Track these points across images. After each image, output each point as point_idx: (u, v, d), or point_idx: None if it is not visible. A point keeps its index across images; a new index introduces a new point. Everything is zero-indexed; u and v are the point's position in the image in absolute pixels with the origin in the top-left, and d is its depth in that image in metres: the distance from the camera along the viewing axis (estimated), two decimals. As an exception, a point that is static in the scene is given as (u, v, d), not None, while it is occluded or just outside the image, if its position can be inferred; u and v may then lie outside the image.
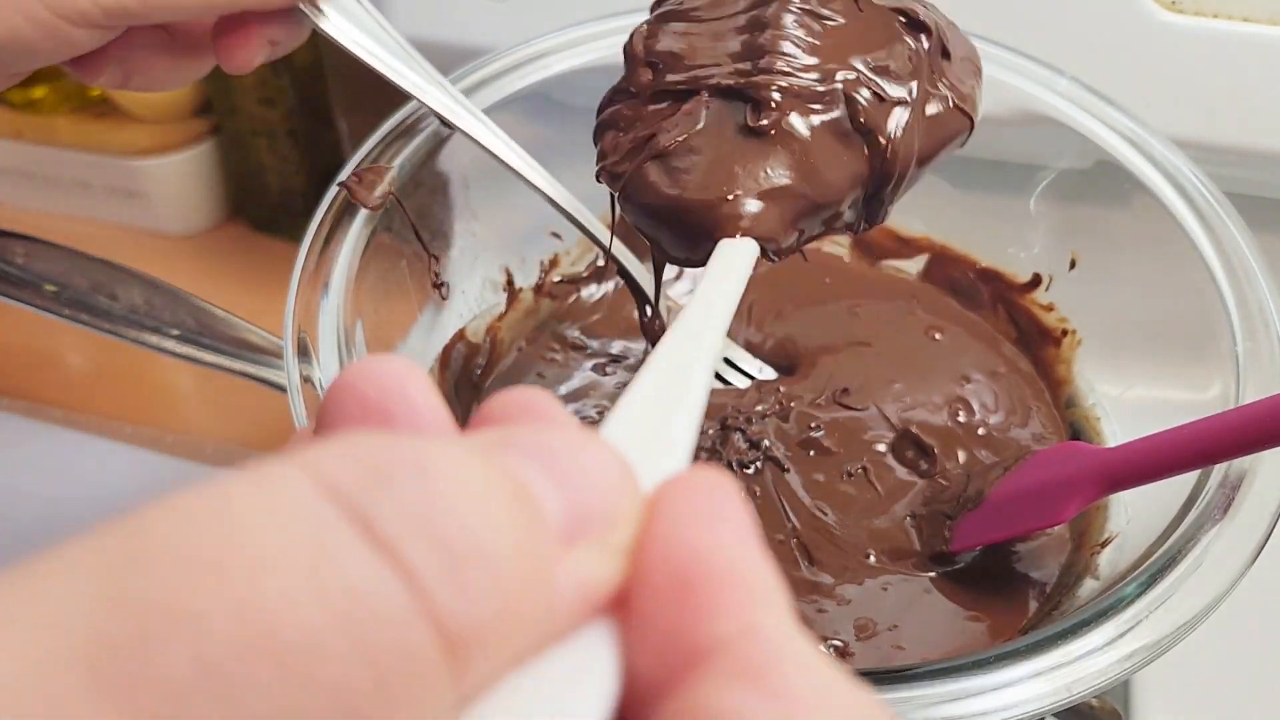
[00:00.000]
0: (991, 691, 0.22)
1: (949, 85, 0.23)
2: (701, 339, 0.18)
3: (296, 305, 0.28)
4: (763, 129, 0.21)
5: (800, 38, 0.22)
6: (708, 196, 0.21)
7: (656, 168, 0.22)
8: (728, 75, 0.22)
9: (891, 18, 0.23)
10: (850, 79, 0.21)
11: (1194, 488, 0.26)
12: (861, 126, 0.21)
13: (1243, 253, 0.30)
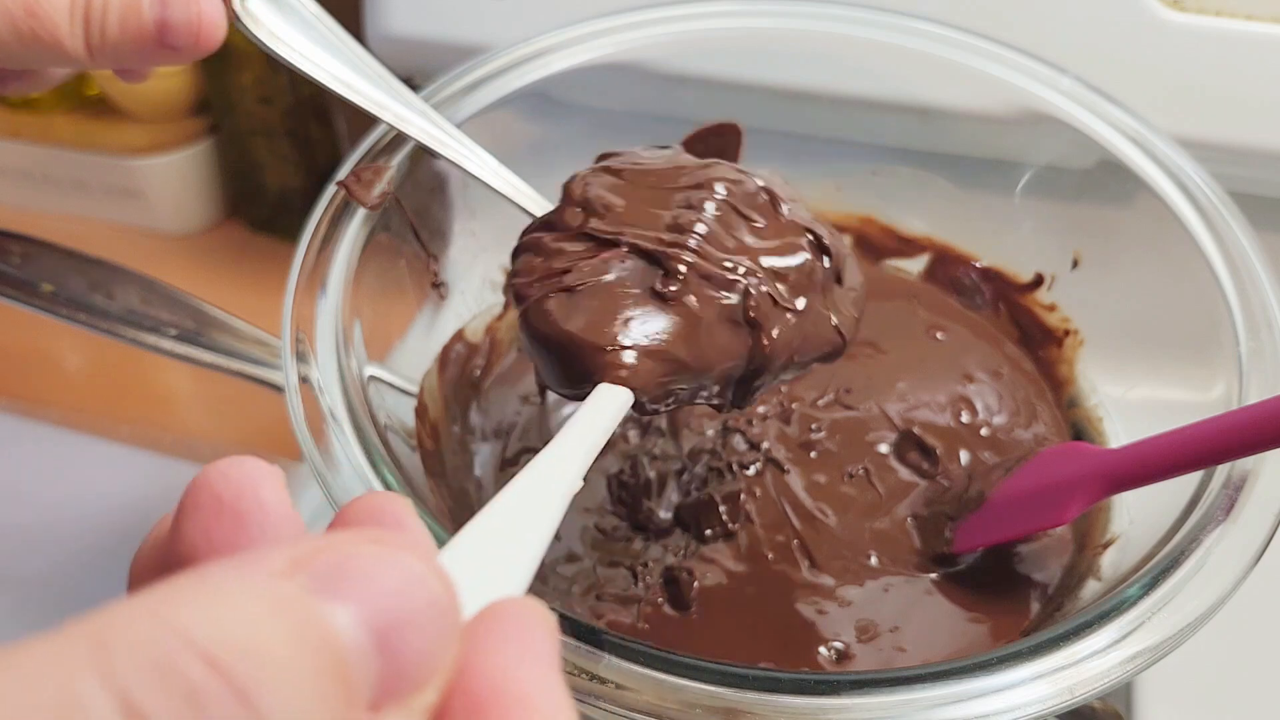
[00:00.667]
0: (993, 694, 0.22)
1: (833, 306, 0.25)
2: (562, 474, 0.19)
3: (294, 305, 0.28)
4: (666, 294, 0.23)
5: (720, 228, 0.24)
6: (598, 340, 0.22)
7: (560, 301, 0.23)
8: (649, 239, 0.24)
9: (803, 234, 0.25)
10: (754, 277, 0.24)
11: (1197, 489, 0.26)
12: (750, 320, 0.23)
13: (1246, 252, 0.30)
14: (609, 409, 0.22)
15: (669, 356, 0.23)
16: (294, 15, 0.28)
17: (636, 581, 0.30)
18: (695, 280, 0.23)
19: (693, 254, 0.23)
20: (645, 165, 0.26)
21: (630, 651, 0.22)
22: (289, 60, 0.28)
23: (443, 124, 0.30)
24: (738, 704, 0.21)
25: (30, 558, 0.42)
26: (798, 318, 0.24)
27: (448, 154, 0.30)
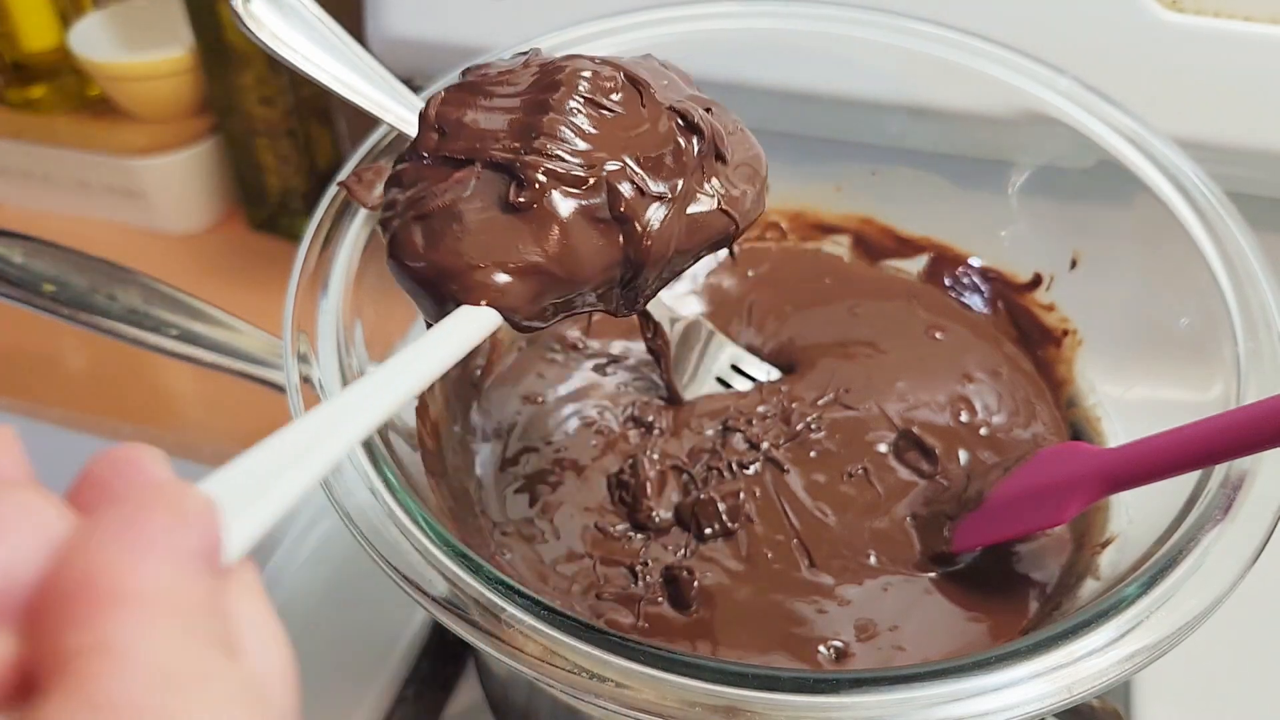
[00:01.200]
0: (992, 692, 0.22)
1: (717, 187, 0.24)
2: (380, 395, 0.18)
3: (296, 305, 0.28)
4: (521, 205, 0.22)
5: (576, 124, 0.23)
6: (457, 263, 0.22)
7: (419, 228, 0.22)
8: (501, 150, 0.22)
9: (670, 118, 0.23)
10: (615, 169, 0.22)
11: (1195, 488, 0.26)
12: (620, 215, 0.22)
13: (1244, 252, 0.30)
14: (464, 332, 0.21)
15: (534, 269, 0.22)
16: (296, 17, 0.28)
17: (636, 580, 0.30)
18: (553, 184, 0.22)
19: (545, 157, 0.22)
20: (496, 72, 0.24)
21: (630, 650, 0.22)
22: (291, 61, 0.28)
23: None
24: (737, 702, 0.21)
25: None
26: (672, 205, 0.23)
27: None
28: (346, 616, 0.39)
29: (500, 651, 0.22)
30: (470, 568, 0.23)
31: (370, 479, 0.25)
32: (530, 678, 0.22)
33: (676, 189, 0.23)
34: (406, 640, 0.39)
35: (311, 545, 0.42)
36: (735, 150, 0.24)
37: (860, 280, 0.41)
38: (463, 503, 0.32)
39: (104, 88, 0.59)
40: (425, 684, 0.40)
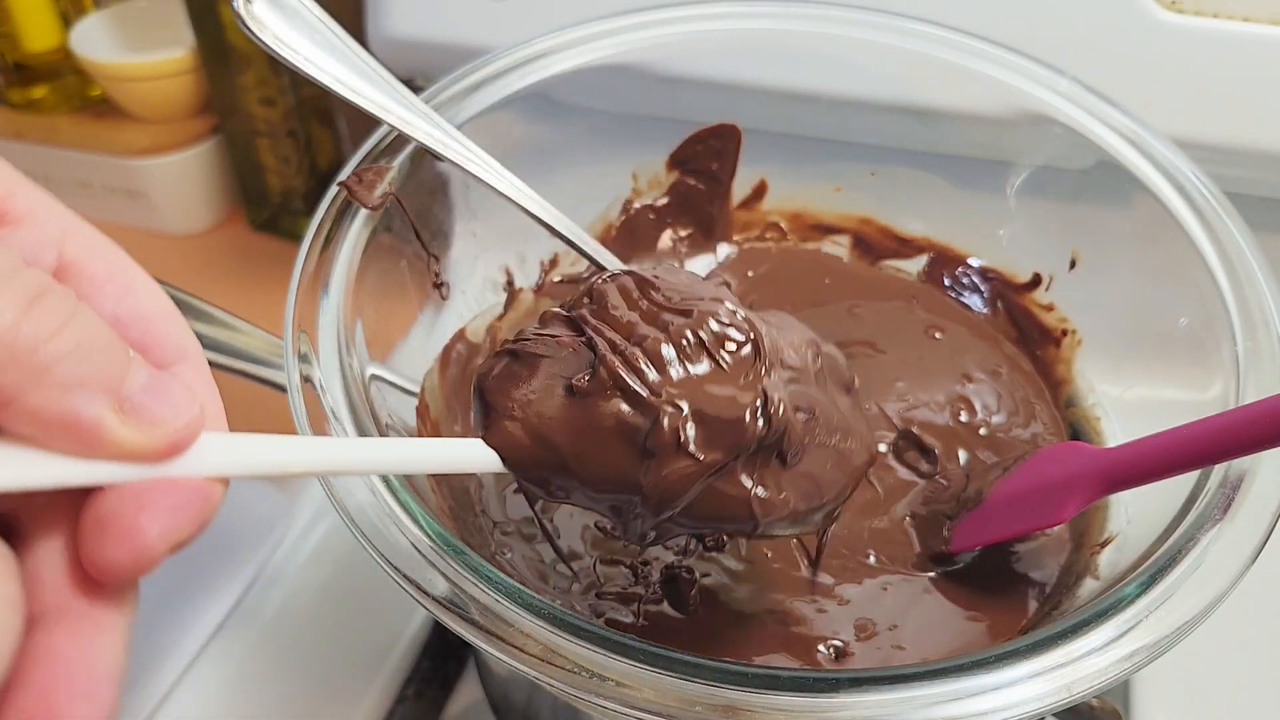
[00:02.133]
0: (991, 691, 0.22)
1: (759, 481, 0.23)
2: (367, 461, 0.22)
3: (296, 305, 0.28)
4: (577, 390, 0.23)
5: (675, 354, 0.23)
6: (500, 402, 0.23)
7: (505, 358, 0.24)
8: (601, 338, 0.23)
9: (756, 396, 0.23)
10: (672, 410, 0.22)
11: (1194, 488, 0.26)
12: (647, 449, 0.22)
13: (1243, 252, 0.30)
14: (464, 454, 0.23)
15: (551, 450, 0.23)
16: (297, 18, 0.28)
17: (636, 580, 0.30)
18: (612, 390, 0.22)
19: (626, 365, 0.23)
20: (662, 280, 0.25)
21: (630, 649, 0.22)
22: (292, 63, 0.28)
23: (445, 127, 0.30)
24: (737, 702, 0.21)
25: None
26: (700, 468, 0.22)
27: (451, 156, 0.30)
28: (347, 615, 0.39)
29: (500, 651, 0.22)
30: (470, 567, 0.23)
31: (371, 479, 0.25)
32: (530, 677, 0.22)
33: (715, 461, 0.23)
34: (407, 639, 0.39)
35: (312, 545, 0.42)
36: (808, 461, 0.24)
37: (860, 280, 0.41)
38: (463, 502, 0.32)
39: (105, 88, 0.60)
40: (426, 683, 0.40)
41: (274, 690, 0.37)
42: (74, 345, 0.16)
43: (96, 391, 0.16)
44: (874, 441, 0.26)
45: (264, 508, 0.43)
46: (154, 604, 0.40)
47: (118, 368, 0.16)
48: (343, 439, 0.24)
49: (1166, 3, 0.37)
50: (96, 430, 0.16)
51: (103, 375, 0.16)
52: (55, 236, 0.19)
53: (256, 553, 0.41)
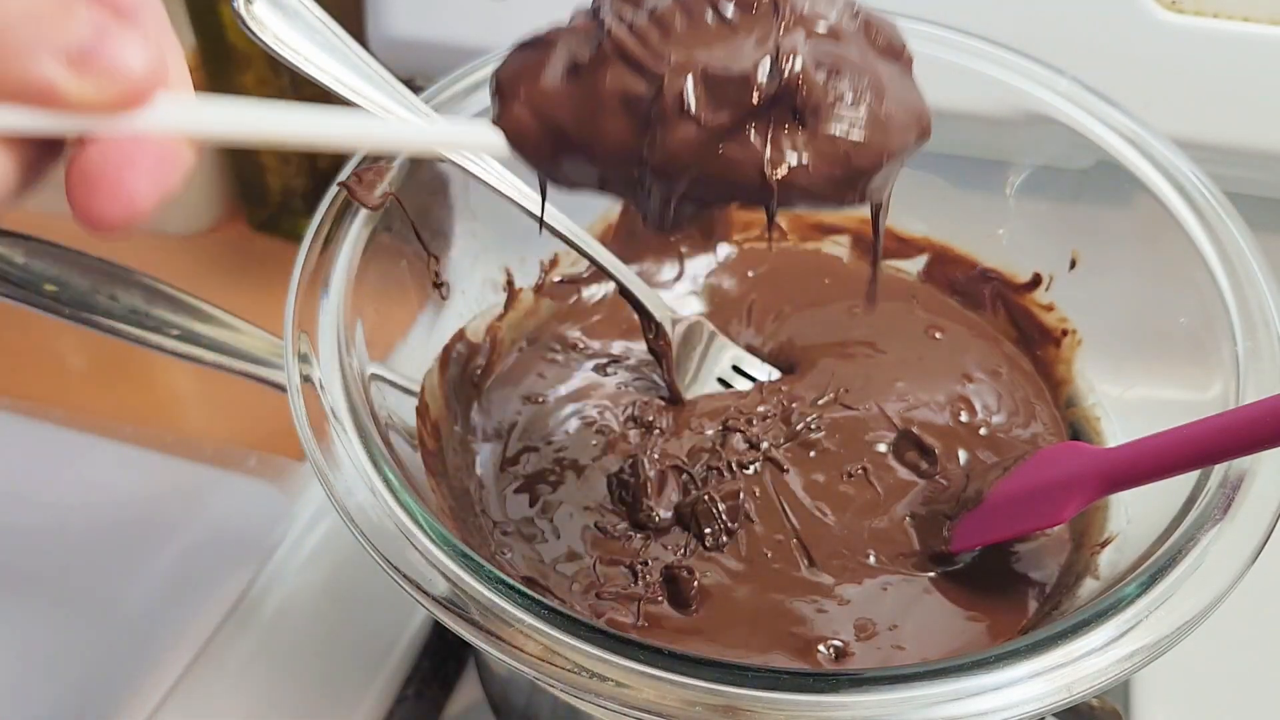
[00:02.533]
0: (991, 691, 0.22)
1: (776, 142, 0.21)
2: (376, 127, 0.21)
3: (296, 305, 0.28)
4: (580, 66, 0.22)
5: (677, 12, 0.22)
6: (510, 88, 0.22)
7: (522, 48, 0.23)
8: (611, 16, 0.22)
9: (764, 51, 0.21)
10: (675, 73, 0.21)
11: (1194, 488, 0.26)
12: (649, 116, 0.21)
13: (1243, 252, 0.30)
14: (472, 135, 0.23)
15: (551, 122, 0.22)
16: (298, 19, 0.28)
17: (636, 580, 0.30)
18: (613, 57, 0.21)
19: (631, 33, 0.21)
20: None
21: (631, 649, 0.22)
22: (293, 63, 0.28)
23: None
24: (737, 701, 0.21)
25: (33, 557, 0.42)
26: (705, 134, 0.21)
27: (452, 156, 0.30)
28: (347, 616, 0.39)
29: (501, 651, 0.22)
30: (471, 567, 0.23)
31: (371, 479, 0.25)
32: (531, 677, 0.22)
33: (721, 120, 0.21)
34: (407, 639, 0.39)
35: (312, 545, 0.42)
36: (834, 123, 0.21)
37: (859, 280, 0.41)
38: (463, 502, 0.32)
39: (105, 88, 0.59)
40: (426, 683, 0.40)
41: (274, 690, 0.37)
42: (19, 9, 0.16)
43: (44, 53, 0.16)
44: (925, 113, 0.23)
45: (263, 508, 0.43)
46: (154, 603, 0.40)
47: (64, 22, 0.16)
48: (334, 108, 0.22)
49: (1166, 3, 0.37)
50: (51, 90, 0.16)
51: (50, 34, 0.16)
52: None
53: (256, 553, 0.41)
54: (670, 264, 0.41)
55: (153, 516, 0.43)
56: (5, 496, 0.44)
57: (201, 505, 0.43)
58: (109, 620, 0.40)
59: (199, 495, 0.44)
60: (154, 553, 0.42)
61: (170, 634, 0.39)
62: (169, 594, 0.40)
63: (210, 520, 0.43)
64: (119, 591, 0.40)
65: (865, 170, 0.22)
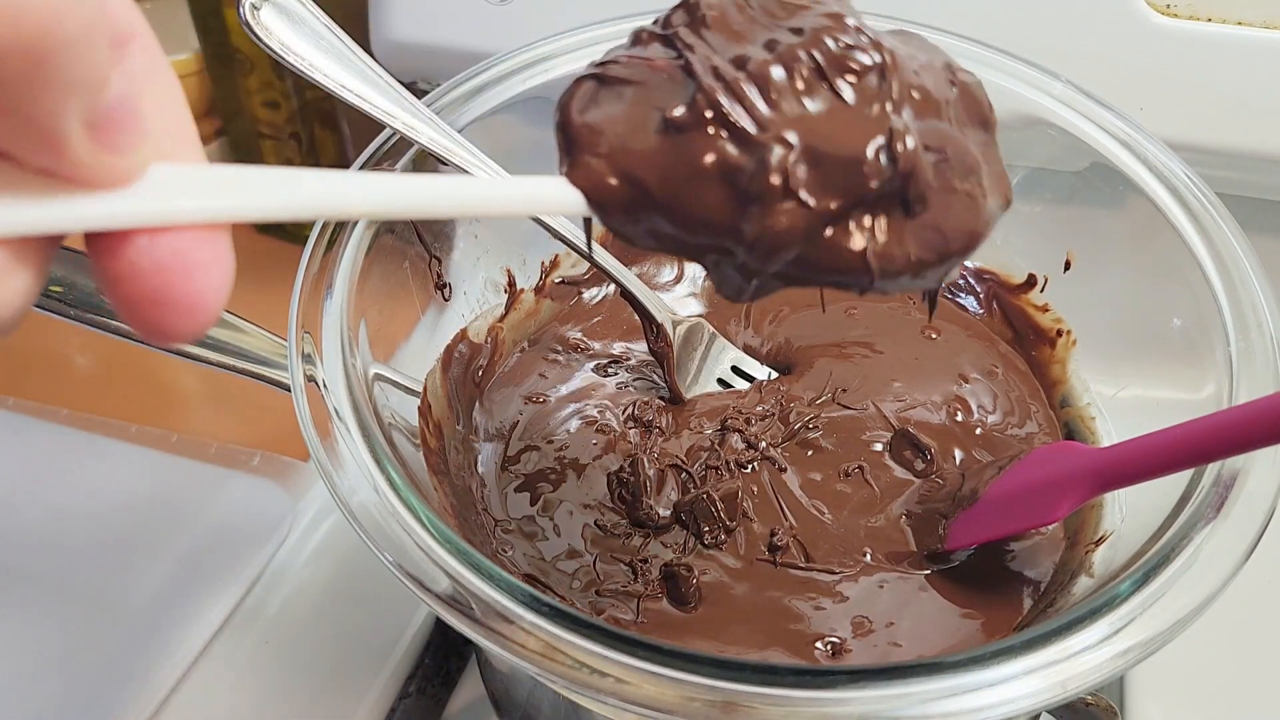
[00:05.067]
0: (987, 688, 0.22)
1: (878, 230, 0.20)
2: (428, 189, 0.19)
3: (300, 306, 0.28)
4: (673, 124, 0.20)
5: (785, 80, 0.20)
6: (585, 136, 0.20)
7: (590, 84, 0.21)
8: (702, 62, 0.20)
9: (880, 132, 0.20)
10: (781, 149, 0.19)
11: (1187, 486, 0.26)
12: (750, 194, 0.19)
13: (1236, 254, 0.30)
14: (543, 194, 0.20)
15: (636, 183, 0.20)
16: (303, 26, 0.29)
17: (636, 577, 0.31)
18: (711, 121, 0.19)
19: (731, 94, 0.19)
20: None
21: (630, 645, 0.22)
22: (299, 69, 0.28)
23: (449, 132, 0.31)
24: (735, 696, 0.22)
25: (39, 555, 0.42)
26: (811, 217, 0.19)
27: (455, 161, 0.30)
28: (350, 613, 0.40)
29: (502, 648, 0.22)
30: (472, 565, 0.24)
31: (373, 477, 0.25)
32: (532, 673, 0.23)
33: (829, 208, 0.20)
34: (409, 636, 0.39)
35: (315, 542, 0.42)
36: (940, 205, 0.20)
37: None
38: (465, 501, 0.33)
39: (109, 91, 0.60)
40: (428, 679, 0.40)
41: (277, 687, 0.38)
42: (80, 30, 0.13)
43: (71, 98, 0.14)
44: (1008, 184, 0.22)
45: (267, 506, 0.43)
46: (157, 602, 0.41)
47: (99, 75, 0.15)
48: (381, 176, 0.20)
49: (1160, 6, 0.37)
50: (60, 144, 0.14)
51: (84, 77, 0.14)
52: None
53: (260, 551, 0.41)
54: (670, 266, 0.41)
55: (157, 516, 0.44)
56: (12, 496, 0.44)
57: (206, 504, 0.44)
58: (114, 618, 0.40)
59: (203, 494, 0.44)
60: (159, 552, 0.42)
61: (175, 632, 0.39)
62: (174, 592, 0.40)
63: (214, 519, 0.43)
64: (124, 590, 0.41)
65: (960, 253, 0.21)
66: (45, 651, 0.39)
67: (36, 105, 0.14)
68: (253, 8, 0.28)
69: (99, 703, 0.37)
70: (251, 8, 0.28)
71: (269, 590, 0.40)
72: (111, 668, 0.38)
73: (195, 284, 0.16)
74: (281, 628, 0.39)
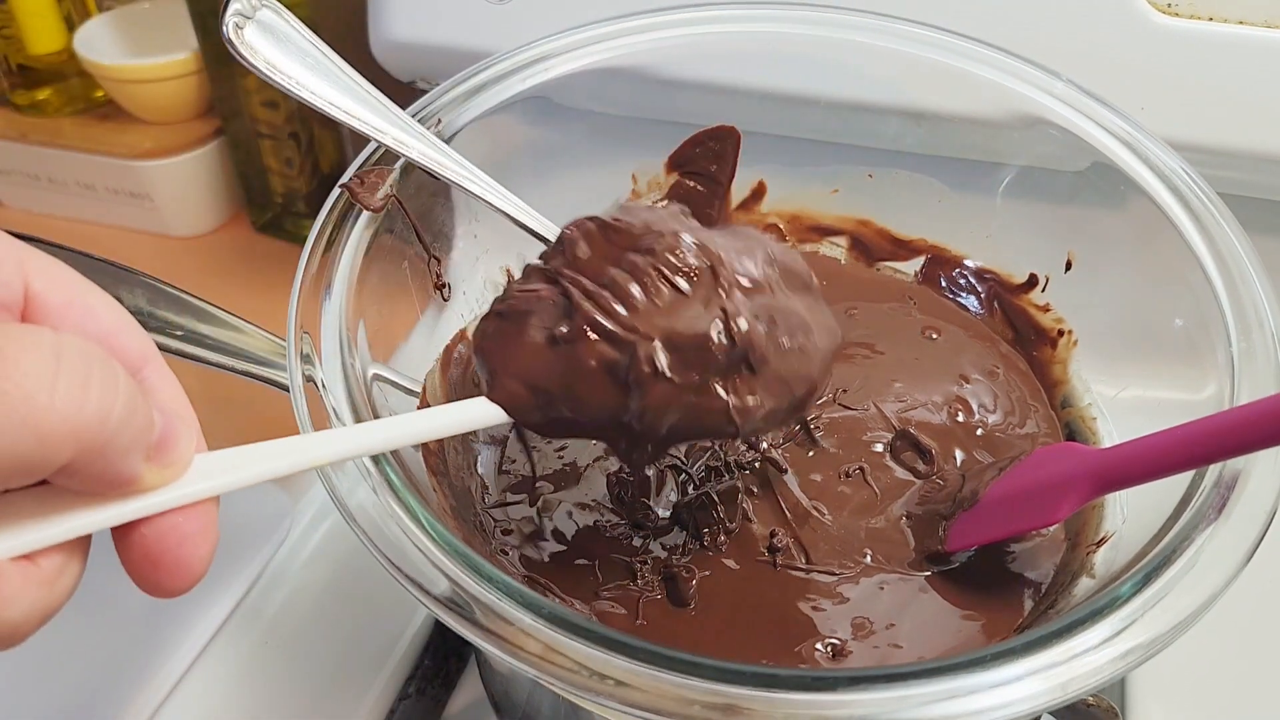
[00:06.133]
0: (987, 690, 0.22)
1: (734, 390, 0.25)
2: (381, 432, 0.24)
3: (299, 306, 0.28)
4: (560, 339, 0.25)
5: (638, 290, 0.25)
6: (496, 363, 0.26)
7: (494, 319, 0.26)
8: (575, 287, 0.25)
9: (719, 317, 0.25)
10: (646, 344, 0.24)
11: (1189, 488, 0.26)
12: (627, 379, 0.24)
13: (1237, 253, 0.30)
14: (471, 414, 0.25)
15: (547, 399, 0.25)
16: (289, 44, 0.28)
17: (635, 578, 0.31)
18: (591, 334, 0.25)
19: (599, 309, 0.25)
20: (623, 221, 0.27)
21: (630, 648, 0.22)
22: (286, 88, 0.28)
23: (440, 146, 0.31)
24: (736, 700, 0.22)
25: (38, 556, 0.42)
26: (678, 391, 0.25)
27: (447, 175, 0.31)
28: (349, 614, 0.40)
29: (501, 650, 0.22)
30: (471, 567, 0.24)
31: (372, 478, 0.25)
32: (531, 676, 0.22)
33: (691, 380, 0.25)
34: (408, 638, 0.39)
35: (314, 544, 0.42)
36: (776, 364, 0.26)
37: (857, 282, 0.41)
38: (464, 502, 0.33)
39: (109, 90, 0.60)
40: (427, 681, 0.40)
41: (277, 689, 0.37)
42: (126, 415, 0.18)
43: (138, 451, 0.18)
44: (837, 329, 0.28)
45: (266, 507, 0.43)
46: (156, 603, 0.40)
47: (149, 425, 0.19)
48: (342, 429, 0.26)
49: (1161, 6, 0.37)
50: (134, 483, 0.19)
51: (141, 435, 0.18)
52: (17, 269, 0.20)
53: (259, 552, 0.41)
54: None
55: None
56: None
57: (205, 505, 0.43)
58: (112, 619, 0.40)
59: (202, 495, 0.44)
60: (158, 552, 0.42)
61: (174, 632, 0.39)
62: (172, 593, 0.40)
63: (213, 520, 0.43)
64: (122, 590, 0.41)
65: (806, 396, 0.27)
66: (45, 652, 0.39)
67: (110, 470, 0.18)
68: (236, 27, 0.27)
69: (99, 703, 0.37)
70: (235, 27, 0.27)
71: (268, 591, 0.40)
72: (110, 669, 0.38)
73: (185, 551, 0.20)
74: (281, 629, 0.39)
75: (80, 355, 0.17)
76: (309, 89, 0.29)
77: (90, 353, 0.17)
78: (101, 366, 0.17)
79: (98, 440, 0.17)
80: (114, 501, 0.19)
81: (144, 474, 0.19)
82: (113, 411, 0.17)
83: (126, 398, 0.18)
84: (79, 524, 0.19)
